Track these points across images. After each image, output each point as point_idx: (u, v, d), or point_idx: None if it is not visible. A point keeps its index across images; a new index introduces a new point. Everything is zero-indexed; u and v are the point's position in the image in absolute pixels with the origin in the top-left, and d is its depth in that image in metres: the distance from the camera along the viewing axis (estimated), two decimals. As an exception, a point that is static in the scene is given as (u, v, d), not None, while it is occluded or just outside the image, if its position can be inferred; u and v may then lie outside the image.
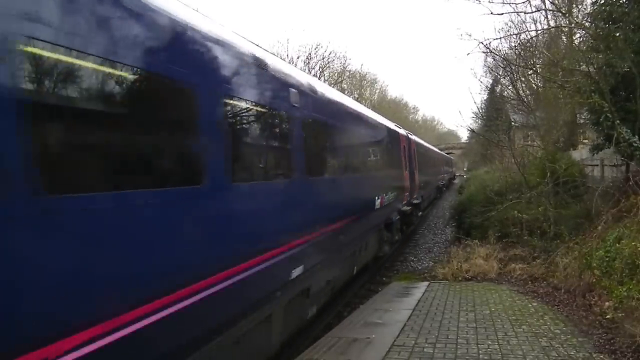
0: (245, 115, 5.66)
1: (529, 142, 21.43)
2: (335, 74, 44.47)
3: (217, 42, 4.90)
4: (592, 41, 12.97)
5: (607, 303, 7.75)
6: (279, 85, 6.47)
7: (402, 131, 18.01)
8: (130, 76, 3.66)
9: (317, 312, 8.04)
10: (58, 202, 2.91)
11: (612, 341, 6.61)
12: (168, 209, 3.91)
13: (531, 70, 19.82)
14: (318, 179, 7.88)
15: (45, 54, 2.92)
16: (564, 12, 15.89)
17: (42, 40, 2.86)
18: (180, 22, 4.26)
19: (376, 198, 11.70)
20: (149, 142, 3.92)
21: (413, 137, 21.89)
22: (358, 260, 10.90)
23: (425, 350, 6.54)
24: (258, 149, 6.05)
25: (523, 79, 23.16)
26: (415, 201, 18.78)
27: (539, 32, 19.09)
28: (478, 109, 30.71)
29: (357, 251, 10.68)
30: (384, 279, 13.29)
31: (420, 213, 21.85)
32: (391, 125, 16.44)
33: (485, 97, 34.94)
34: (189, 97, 4.33)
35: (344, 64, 45.41)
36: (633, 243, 7.97)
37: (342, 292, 10.45)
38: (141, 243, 3.58)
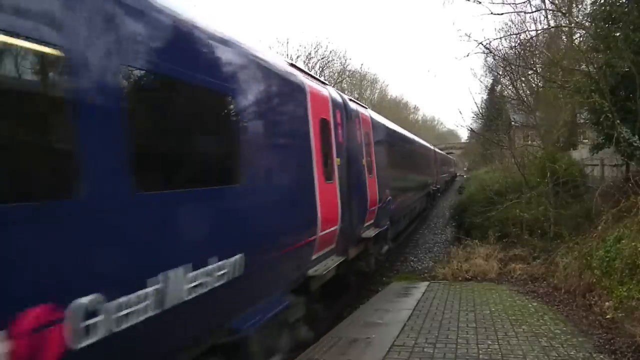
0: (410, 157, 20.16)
1: (529, 142, 21.42)
2: (335, 74, 44.40)
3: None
4: (592, 41, 12.96)
5: (607, 303, 7.75)
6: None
7: (430, 146, 33.60)
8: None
9: (417, 214, 23.15)
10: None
11: (612, 341, 6.61)
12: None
13: (531, 70, 19.81)
14: (422, 176, 23.82)
15: None
16: (563, 12, 15.89)
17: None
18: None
19: (428, 181, 26.53)
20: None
21: (437, 150, 38.62)
22: (421, 206, 24.27)
23: (425, 350, 6.54)
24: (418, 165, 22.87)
25: (523, 78, 23.13)
26: (437, 186, 33.80)
27: (539, 32, 19.05)
28: (478, 108, 30.75)
29: (423, 201, 24.55)
30: (384, 279, 13.27)
31: (439, 194, 36.49)
32: (429, 144, 33.54)
33: (485, 97, 34.94)
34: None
35: (344, 63, 45.32)
36: (633, 243, 7.97)
37: (342, 293, 10.42)
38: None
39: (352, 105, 9.95)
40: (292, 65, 7.04)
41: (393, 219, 13.45)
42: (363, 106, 11.76)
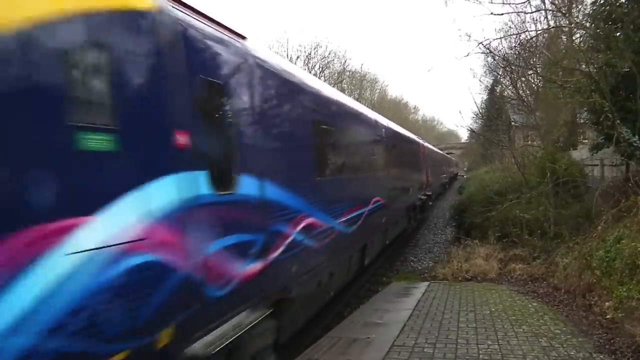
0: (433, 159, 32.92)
1: (529, 142, 21.40)
2: (335, 74, 44.34)
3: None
4: (592, 41, 12.96)
5: (607, 303, 7.74)
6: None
7: (440, 151, 44.92)
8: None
9: (437, 195, 34.53)
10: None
11: (612, 341, 6.61)
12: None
13: (531, 70, 19.79)
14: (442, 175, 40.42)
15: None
16: (563, 12, 15.86)
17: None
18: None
19: (441, 175, 38.89)
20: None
21: (444, 153, 50.56)
22: (439, 190, 35.65)
23: (425, 350, 6.54)
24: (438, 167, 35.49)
25: (523, 79, 23.10)
26: (447, 180, 45.87)
27: (539, 32, 19.02)
28: (478, 108, 30.70)
29: (440, 187, 36.53)
30: (384, 279, 13.27)
31: (447, 185, 47.25)
32: (439, 150, 45.82)
33: (485, 97, 34.91)
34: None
35: (343, 63, 45.24)
36: (633, 243, 7.97)
37: (343, 293, 10.44)
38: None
39: (425, 143, 26.15)
40: (416, 136, 24.71)
41: (432, 191, 27.12)
42: (424, 140, 27.65)
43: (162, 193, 3.46)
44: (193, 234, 3.78)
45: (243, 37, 5.17)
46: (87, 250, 2.79)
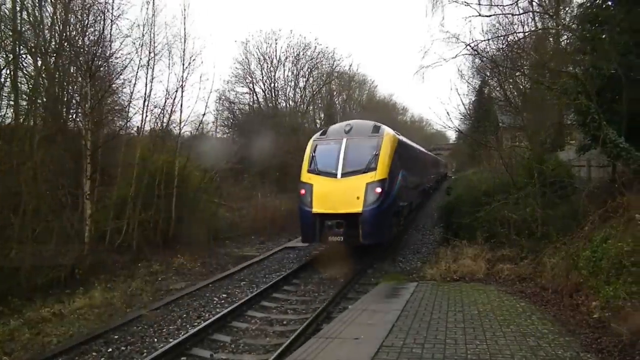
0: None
1: (517, 143, 21.55)
2: (324, 75, 44.23)
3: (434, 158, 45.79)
4: (578, 43, 13.09)
5: (594, 303, 7.80)
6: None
7: (434, 155, 50.31)
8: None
9: (435, 187, 41.04)
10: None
11: (599, 340, 6.65)
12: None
13: (519, 72, 19.92)
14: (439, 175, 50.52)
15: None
16: (551, 14, 16.01)
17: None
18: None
19: (432, 177, 37.15)
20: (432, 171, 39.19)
21: (438, 157, 56.53)
22: (436, 185, 41.03)
23: (413, 350, 6.52)
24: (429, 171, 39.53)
25: (511, 80, 23.24)
26: (439, 177, 48.99)
27: (527, 34, 19.16)
28: (466, 109, 30.86)
29: (437, 180, 43.85)
30: (372, 279, 13.23)
31: (439, 182, 52.12)
32: (431, 153, 48.41)
33: (473, 98, 35.09)
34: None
35: (332, 65, 45.07)
36: (619, 243, 8.04)
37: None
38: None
39: (425, 150, 36.86)
40: (422, 147, 35.01)
41: (431, 183, 34.53)
42: (426, 149, 39.44)
43: (401, 174, 15.93)
44: (405, 182, 16.85)
45: (399, 134, 18.37)
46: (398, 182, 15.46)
